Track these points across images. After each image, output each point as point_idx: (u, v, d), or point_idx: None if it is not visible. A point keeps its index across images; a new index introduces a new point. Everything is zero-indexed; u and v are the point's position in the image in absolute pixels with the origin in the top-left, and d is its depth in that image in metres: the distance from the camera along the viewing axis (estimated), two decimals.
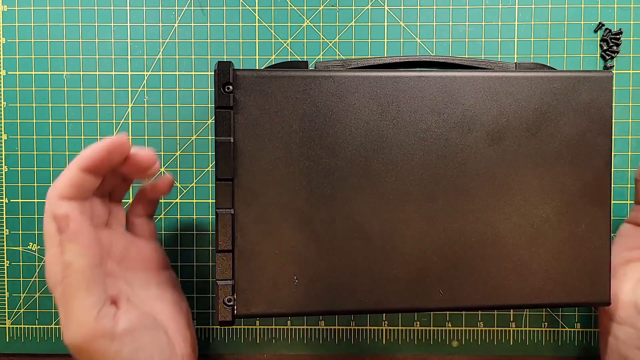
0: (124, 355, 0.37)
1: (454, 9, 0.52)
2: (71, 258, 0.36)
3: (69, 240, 0.36)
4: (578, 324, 0.53)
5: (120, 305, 0.39)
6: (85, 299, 0.36)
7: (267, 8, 0.52)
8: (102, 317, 0.37)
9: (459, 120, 0.41)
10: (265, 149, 0.40)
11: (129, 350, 0.38)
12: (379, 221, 0.41)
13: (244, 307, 0.41)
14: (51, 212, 0.38)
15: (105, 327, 0.36)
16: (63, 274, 0.36)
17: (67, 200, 0.38)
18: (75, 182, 0.38)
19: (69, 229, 0.36)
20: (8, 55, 0.52)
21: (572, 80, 0.42)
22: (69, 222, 0.36)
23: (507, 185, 0.42)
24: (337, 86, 0.40)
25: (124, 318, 0.38)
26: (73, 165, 0.38)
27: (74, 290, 0.36)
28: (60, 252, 0.37)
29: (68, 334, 0.36)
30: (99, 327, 0.36)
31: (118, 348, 0.37)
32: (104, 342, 0.36)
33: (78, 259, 0.36)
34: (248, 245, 0.40)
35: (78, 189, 0.38)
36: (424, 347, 0.54)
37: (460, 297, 0.42)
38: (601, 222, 0.43)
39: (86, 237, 0.37)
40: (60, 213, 0.36)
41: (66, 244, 0.36)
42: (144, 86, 0.52)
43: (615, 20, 0.51)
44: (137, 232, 0.46)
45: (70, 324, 0.36)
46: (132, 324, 0.39)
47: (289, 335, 0.54)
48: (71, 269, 0.36)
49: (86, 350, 0.36)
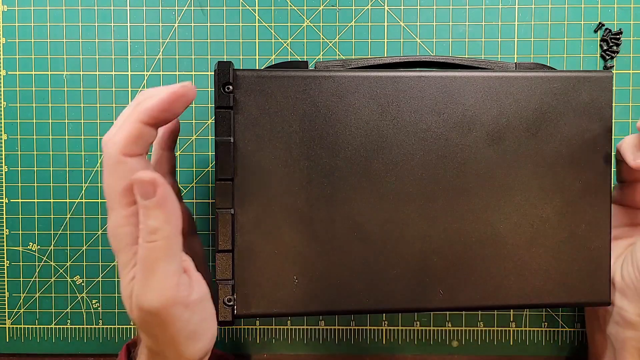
0: (192, 324, 0.37)
1: (454, 9, 0.52)
2: (157, 224, 0.35)
3: (156, 207, 0.34)
4: (578, 324, 0.53)
5: (191, 274, 0.38)
6: (168, 266, 0.35)
7: (267, 8, 0.52)
8: (181, 284, 0.36)
9: (459, 120, 0.41)
10: (265, 148, 0.40)
11: (196, 320, 0.38)
12: (379, 221, 0.41)
13: (244, 307, 0.41)
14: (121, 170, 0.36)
15: (183, 294, 0.36)
16: (147, 239, 0.35)
17: (130, 157, 0.36)
18: (137, 136, 0.36)
19: (157, 195, 0.34)
20: (8, 55, 0.52)
21: (572, 80, 0.42)
22: (157, 188, 0.34)
23: (507, 185, 0.42)
24: (337, 86, 0.40)
25: (197, 288, 0.38)
26: (134, 118, 0.36)
27: (158, 256, 0.35)
28: (143, 217, 0.35)
29: (146, 297, 0.35)
30: (178, 294, 0.36)
31: (189, 317, 0.37)
32: (179, 309, 0.36)
33: (164, 226, 0.35)
34: (248, 245, 0.40)
35: (140, 143, 0.36)
36: (424, 347, 0.54)
37: (460, 297, 0.42)
38: (601, 222, 0.43)
39: (172, 204, 0.35)
40: (147, 179, 0.34)
41: (152, 210, 0.35)
42: (144, 86, 0.52)
43: (615, 20, 0.51)
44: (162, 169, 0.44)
45: (150, 289, 0.35)
46: (202, 294, 0.38)
47: (289, 335, 0.54)
48: (157, 235, 0.35)
49: (163, 315, 0.36)
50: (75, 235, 0.53)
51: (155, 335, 0.37)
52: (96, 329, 0.54)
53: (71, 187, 0.53)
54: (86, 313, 0.53)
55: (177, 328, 0.36)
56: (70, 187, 0.53)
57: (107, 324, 0.54)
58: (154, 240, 0.35)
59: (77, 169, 0.53)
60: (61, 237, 0.53)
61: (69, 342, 0.54)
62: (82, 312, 0.53)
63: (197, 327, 0.38)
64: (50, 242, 0.53)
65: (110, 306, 0.53)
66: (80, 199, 0.53)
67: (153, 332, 0.37)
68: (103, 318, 0.53)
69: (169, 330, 0.36)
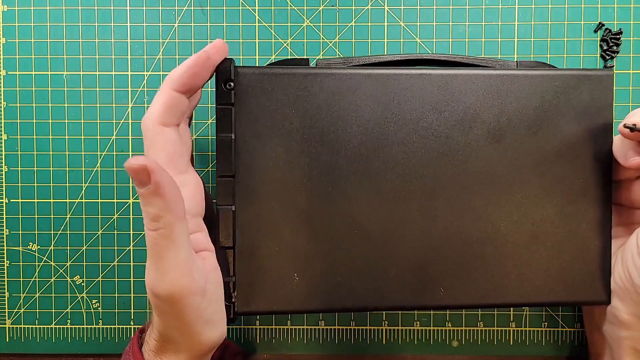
0: (208, 313, 0.37)
1: (454, 9, 0.52)
2: (157, 211, 0.33)
3: (153, 194, 0.33)
4: (578, 324, 0.53)
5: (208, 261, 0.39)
6: (176, 253, 0.35)
7: (267, 8, 0.52)
8: (195, 272, 0.36)
9: (460, 118, 0.41)
10: (265, 146, 0.40)
11: (213, 307, 0.38)
12: (379, 219, 0.41)
13: (244, 304, 0.41)
14: (160, 140, 0.36)
15: (199, 283, 0.36)
16: (149, 227, 0.34)
17: (166, 127, 0.37)
18: (171, 105, 0.37)
19: (152, 182, 0.33)
20: (8, 55, 0.52)
21: (573, 79, 0.42)
22: (151, 174, 0.32)
23: (507, 183, 0.42)
24: (338, 84, 0.40)
25: (212, 275, 0.38)
26: (165, 88, 0.37)
27: (164, 244, 0.34)
28: (143, 205, 0.34)
29: (162, 285, 0.35)
30: (193, 283, 0.35)
31: (206, 305, 0.37)
32: (196, 299, 0.36)
33: (164, 213, 0.33)
34: (248, 242, 0.40)
35: (174, 112, 0.37)
36: (424, 347, 0.54)
37: (460, 295, 0.42)
38: (602, 221, 0.43)
39: (170, 190, 0.34)
40: (137, 165, 0.32)
41: (150, 197, 0.33)
42: (144, 86, 0.52)
43: (615, 20, 0.52)
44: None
45: (162, 277, 0.35)
46: (217, 285, 0.39)
47: (289, 335, 0.54)
48: (160, 223, 0.34)
49: (178, 303, 0.35)
50: (75, 235, 0.53)
51: (169, 321, 0.37)
52: (96, 329, 0.53)
53: (71, 187, 0.53)
54: (86, 313, 0.53)
55: (194, 316, 0.36)
56: (70, 187, 0.53)
57: (107, 324, 0.53)
58: (156, 228, 0.34)
59: (77, 169, 0.52)
60: (61, 237, 0.53)
61: (69, 342, 0.53)
62: (82, 312, 0.53)
63: (212, 316, 0.38)
64: (50, 242, 0.53)
65: (110, 306, 0.53)
66: (80, 199, 0.53)
67: (167, 318, 0.37)
68: (103, 318, 0.53)
69: (185, 318, 0.36)
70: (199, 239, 0.39)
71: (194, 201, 0.39)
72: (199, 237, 0.39)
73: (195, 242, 0.38)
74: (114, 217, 0.53)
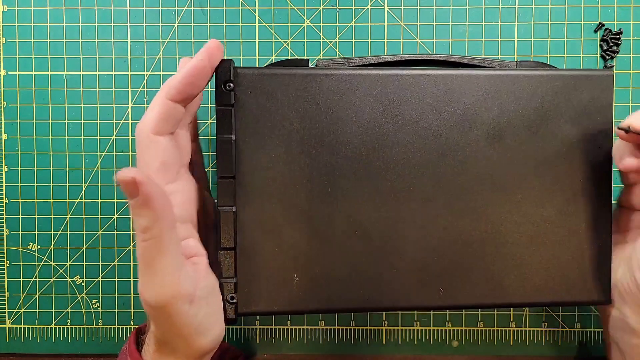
0: (198, 318, 0.37)
1: (454, 9, 0.52)
2: (146, 223, 0.34)
3: (142, 205, 0.34)
4: (578, 324, 0.53)
5: (199, 267, 0.39)
6: (166, 262, 0.35)
7: (267, 8, 0.52)
8: (184, 279, 0.36)
9: (460, 118, 0.41)
10: (265, 146, 0.40)
11: (203, 315, 0.38)
12: (379, 219, 0.41)
13: (245, 305, 0.41)
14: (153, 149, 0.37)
15: (187, 290, 0.36)
16: (140, 238, 0.35)
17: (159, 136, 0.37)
18: (166, 114, 0.37)
19: (141, 194, 0.33)
20: (8, 55, 0.52)
21: (573, 79, 0.42)
22: (140, 186, 0.33)
23: (507, 183, 0.42)
24: (338, 84, 0.40)
25: (204, 282, 0.38)
26: (161, 97, 0.37)
27: (153, 254, 0.35)
28: (133, 216, 0.34)
29: (150, 293, 0.36)
30: (181, 290, 0.36)
31: (195, 312, 0.37)
32: (183, 305, 0.36)
33: (154, 224, 0.34)
34: (249, 243, 0.40)
35: (169, 121, 0.37)
36: (424, 347, 0.54)
37: (460, 295, 0.42)
38: (602, 220, 0.43)
39: (159, 200, 0.34)
40: (127, 178, 0.32)
41: (139, 209, 0.34)
42: (144, 86, 0.52)
43: (615, 20, 0.52)
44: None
45: (151, 285, 0.35)
46: (208, 290, 0.39)
47: (289, 335, 0.54)
48: (149, 234, 0.34)
49: (166, 310, 0.36)
50: (75, 235, 0.53)
51: (162, 327, 0.38)
52: (96, 329, 0.53)
53: (71, 187, 0.53)
54: (86, 313, 0.53)
55: (183, 322, 0.37)
56: (70, 187, 0.53)
57: (107, 324, 0.53)
58: (146, 239, 0.34)
59: (77, 169, 0.53)
60: (61, 237, 0.53)
61: (69, 342, 0.53)
62: (82, 312, 0.53)
63: (204, 321, 0.38)
64: (50, 242, 0.53)
65: (110, 306, 0.53)
66: (80, 199, 0.53)
67: (159, 324, 0.38)
68: (103, 318, 0.53)
69: (175, 324, 0.37)
70: (190, 245, 0.39)
71: (183, 208, 0.39)
72: (190, 243, 0.39)
73: (186, 248, 0.39)
74: (114, 217, 0.53)
